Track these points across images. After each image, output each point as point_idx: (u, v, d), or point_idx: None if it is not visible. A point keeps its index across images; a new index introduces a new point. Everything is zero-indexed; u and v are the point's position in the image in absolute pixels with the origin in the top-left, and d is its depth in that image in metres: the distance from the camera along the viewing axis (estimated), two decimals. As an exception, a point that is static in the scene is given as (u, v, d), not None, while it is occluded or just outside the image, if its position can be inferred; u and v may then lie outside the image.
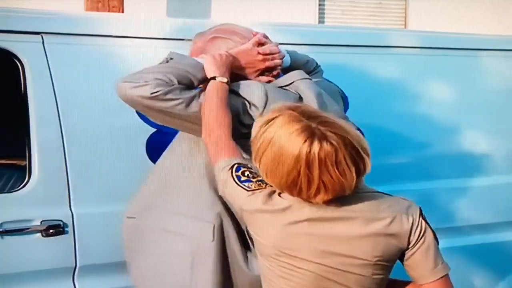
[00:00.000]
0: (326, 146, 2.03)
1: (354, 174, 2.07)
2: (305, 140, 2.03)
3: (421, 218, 2.19)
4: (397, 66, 3.66)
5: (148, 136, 3.06)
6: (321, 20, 11.58)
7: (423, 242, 2.18)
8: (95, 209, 2.95)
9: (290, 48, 2.96)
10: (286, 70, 2.82)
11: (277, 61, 2.74)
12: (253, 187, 2.19)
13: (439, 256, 2.20)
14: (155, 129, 3.07)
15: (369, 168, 2.11)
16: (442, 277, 2.18)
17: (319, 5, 11.57)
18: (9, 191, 3.06)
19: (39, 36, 2.95)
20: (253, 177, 2.22)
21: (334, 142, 2.04)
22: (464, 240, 3.63)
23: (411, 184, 3.51)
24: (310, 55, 3.05)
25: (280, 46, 2.81)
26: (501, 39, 4.20)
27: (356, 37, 3.69)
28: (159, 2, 10.13)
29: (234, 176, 2.21)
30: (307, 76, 2.73)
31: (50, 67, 2.93)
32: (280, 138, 2.07)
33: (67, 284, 2.92)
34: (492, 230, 3.77)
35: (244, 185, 2.19)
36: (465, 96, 3.81)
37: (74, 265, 2.92)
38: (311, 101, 2.60)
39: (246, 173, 2.22)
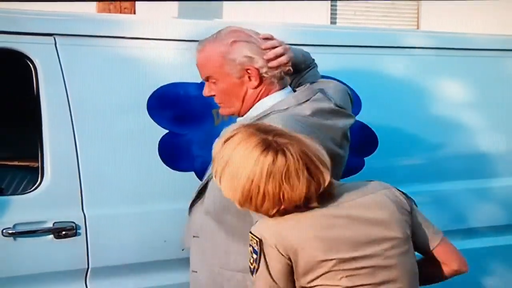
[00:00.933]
0: (279, 157, 2.06)
1: (304, 187, 2.08)
2: (262, 151, 2.07)
3: (397, 190, 2.27)
4: (410, 67, 3.64)
5: (160, 137, 3.06)
6: (333, 21, 11.56)
7: (415, 209, 2.27)
8: (108, 211, 2.95)
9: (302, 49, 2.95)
10: None
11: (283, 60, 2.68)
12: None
13: (427, 220, 2.30)
14: (168, 131, 3.07)
15: (327, 182, 2.11)
16: (443, 238, 2.27)
17: (331, 6, 11.56)
18: (21, 193, 3.07)
19: (51, 38, 2.96)
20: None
21: (288, 153, 2.07)
22: (476, 242, 3.61)
23: (423, 185, 3.49)
24: (323, 56, 3.03)
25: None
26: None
27: (368, 38, 3.68)
28: (171, 3, 10.14)
29: None
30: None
31: (63, 68, 2.93)
32: (238, 153, 2.10)
33: (79, 286, 2.92)
34: (505, 232, 3.75)
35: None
36: (477, 97, 3.78)
37: (86, 267, 2.92)
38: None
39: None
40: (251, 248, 2.16)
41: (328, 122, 2.58)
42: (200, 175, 3.10)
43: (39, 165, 2.90)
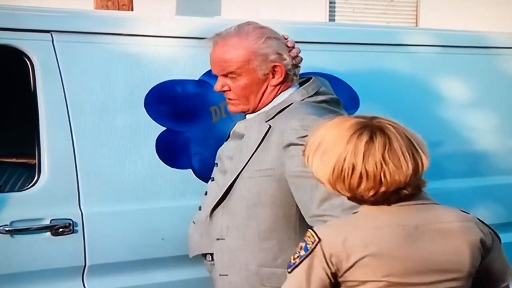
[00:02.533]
0: (380, 135, 1.98)
1: (409, 167, 1.98)
2: (355, 131, 1.99)
3: (485, 225, 2.14)
4: (408, 65, 3.64)
5: (158, 134, 3.05)
6: (331, 18, 11.56)
7: (498, 244, 2.14)
8: (105, 208, 2.94)
9: (301, 46, 2.94)
10: None
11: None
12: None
13: (506, 260, 2.17)
14: (165, 128, 3.06)
15: (426, 167, 2.03)
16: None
17: (330, 3, 11.56)
18: (18, 190, 3.06)
19: (48, 34, 2.95)
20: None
21: (389, 132, 1.99)
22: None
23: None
24: (321, 54, 3.04)
25: None
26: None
27: (367, 35, 3.67)
28: (169, 0, 10.14)
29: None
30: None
31: (60, 65, 2.92)
32: (331, 133, 2.03)
33: (76, 283, 2.92)
34: (504, 230, 3.75)
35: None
36: (476, 95, 3.78)
37: (83, 264, 2.91)
38: None
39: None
40: (303, 244, 2.03)
41: (338, 110, 2.63)
42: (198, 173, 3.10)
43: (36, 162, 2.89)
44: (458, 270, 2.03)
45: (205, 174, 3.02)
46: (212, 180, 2.78)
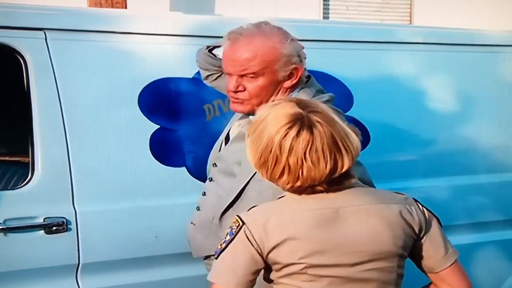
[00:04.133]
0: (306, 133, 2.04)
1: (326, 168, 2.05)
2: (287, 123, 2.05)
3: (422, 207, 2.21)
4: (403, 62, 3.64)
5: (152, 132, 3.05)
6: (325, 16, 11.56)
7: (432, 229, 2.19)
8: (98, 207, 2.94)
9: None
10: None
11: None
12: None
13: (448, 241, 2.22)
14: (159, 126, 3.06)
15: (346, 167, 2.08)
16: (455, 261, 2.20)
17: (324, 1, 11.56)
18: (12, 188, 3.06)
19: (41, 32, 2.94)
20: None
21: (315, 131, 2.04)
22: (469, 238, 3.62)
23: (415, 181, 3.49)
24: (315, 51, 3.03)
25: None
26: (507, 35, 4.17)
27: (361, 33, 3.67)
28: (163, -2, 10.12)
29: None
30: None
31: (53, 63, 2.92)
32: (268, 119, 2.08)
33: (70, 281, 2.91)
34: (498, 228, 3.76)
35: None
36: (470, 92, 3.79)
37: (77, 262, 2.91)
38: None
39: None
40: (228, 230, 2.11)
41: (338, 109, 2.59)
42: (192, 171, 3.10)
43: (30, 160, 2.89)
44: (380, 251, 2.10)
45: (199, 172, 3.02)
46: (211, 181, 2.75)
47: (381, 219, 2.12)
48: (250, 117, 2.67)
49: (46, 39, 2.94)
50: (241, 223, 2.08)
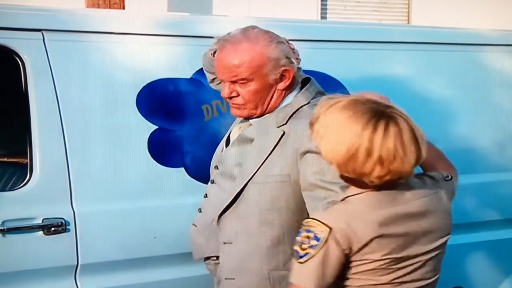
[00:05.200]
0: (393, 127, 2.08)
1: (413, 159, 2.11)
2: (371, 119, 2.08)
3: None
4: (401, 62, 3.64)
5: (150, 133, 3.05)
6: (323, 16, 11.56)
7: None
8: (97, 207, 2.94)
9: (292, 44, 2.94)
10: None
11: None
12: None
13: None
14: (157, 127, 3.06)
15: (422, 159, 2.15)
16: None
17: (322, 1, 11.56)
18: (10, 189, 3.05)
19: (39, 33, 2.94)
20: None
21: (400, 123, 2.09)
22: (469, 237, 3.62)
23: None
24: (313, 51, 3.04)
25: None
26: (505, 34, 4.17)
27: (359, 33, 3.67)
28: (161, -2, 10.12)
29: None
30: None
31: (51, 64, 2.92)
32: (342, 118, 2.10)
33: (69, 282, 2.91)
34: (496, 227, 3.76)
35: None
36: (468, 92, 3.79)
37: (76, 263, 2.91)
38: None
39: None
40: (311, 234, 2.11)
41: None
42: (190, 171, 3.10)
43: (28, 161, 2.88)
44: (445, 234, 2.26)
45: (197, 173, 3.03)
46: (212, 183, 2.76)
47: (440, 205, 2.26)
48: (250, 121, 2.68)
49: (44, 40, 2.94)
50: (328, 228, 2.09)
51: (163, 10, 9.98)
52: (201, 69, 2.98)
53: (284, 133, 2.56)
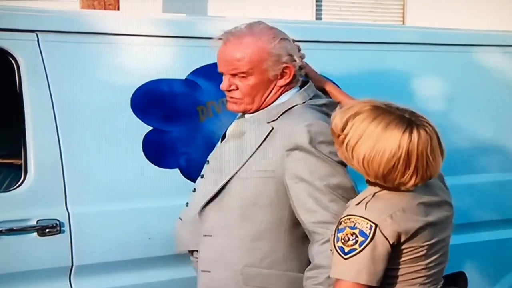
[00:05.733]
0: (424, 133, 2.18)
1: (441, 161, 2.24)
2: (405, 129, 2.17)
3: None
4: (396, 63, 3.64)
5: (145, 134, 3.04)
6: (318, 16, 11.56)
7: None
8: (92, 209, 2.93)
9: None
10: None
11: None
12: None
13: None
14: (152, 128, 3.06)
15: (445, 158, 2.27)
16: None
17: (317, 1, 11.56)
18: (4, 191, 3.04)
19: (34, 34, 2.93)
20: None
21: (428, 130, 2.20)
22: (466, 237, 3.62)
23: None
24: (308, 52, 3.03)
25: None
26: (502, 34, 4.18)
27: (354, 34, 3.67)
28: (155, -1, 10.11)
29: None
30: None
31: (45, 65, 2.91)
32: (376, 128, 2.18)
33: (63, 284, 2.91)
34: (494, 227, 3.77)
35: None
36: (464, 92, 3.79)
37: (70, 264, 2.90)
38: None
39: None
40: (356, 230, 2.18)
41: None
42: (185, 172, 3.10)
43: (22, 163, 2.88)
44: (452, 224, 2.41)
45: (192, 174, 3.02)
46: (202, 178, 2.77)
47: (446, 193, 2.42)
48: (246, 116, 2.68)
49: (38, 41, 2.93)
50: (373, 225, 2.17)
51: (158, 11, 9.97)
52: (196, 70, 2.99)
53: (272, 129, 2.56)
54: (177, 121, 3.12)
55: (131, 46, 3.11)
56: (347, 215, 2.22)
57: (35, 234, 2.83)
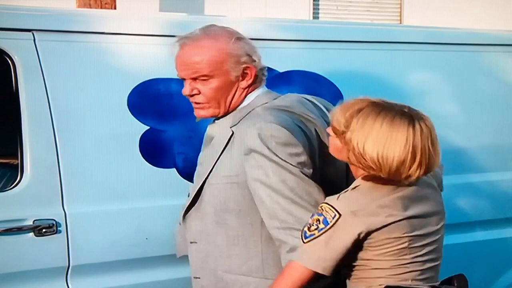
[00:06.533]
0: (425, 127, 2.25)
1: (440, 153, 2.30)
2: (408, 124, 2.23)
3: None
4: (392, 62, 3.64)
5: (141, 134, 3.04)
6: (315, 15, 11.57)
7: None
8: (88, 208, 2.93)
9: (285, 44, 2.94)
10: None
11: None
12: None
13: None
14: (149, 127, 3.05)
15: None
16: None
17: (314, 1, 11.56)
18: (1, 190, 3.03)
19: (30, 34, 2.93)
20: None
21: (428, 124, 2.27)
22: (463, 237, 3.62)
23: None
24: (305, 51, 3.04)
25: None
26: (496, 34, 4.18)
27: (351, 33, 3.67)
28: (152, -2, 10.11)
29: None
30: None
31: (42, 64, 2.91)
32: (383, 125, 2.23)
33: (60, 284, 2.90)
34: (491, 226, 3.76)
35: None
36: (460, 91, 3.79)
37: (67, 264, 2.90)
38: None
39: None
40: (321, 217, 2.25)
41: (307, 112, 2.59)
42: (181, 172, 3.09)
43: (19, 162, 2.87)
44: (442, 217, 2.43)
45: (188, 174, 3.02)
46: (192, 183, 2.76)
47: (435, 190, 2.45)
48: (216, 120, 2.66)
49: (34, 40, 2.93)
50: (337, 214, 2.23)
51: (154, 10, 9.96)
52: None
53: (233, 133, 2.54)
54: (174, 121, 3.12)
55: (127, 45, 3.10)
56: (321, 203, 2.30)
57: (31, 234, 2.83)
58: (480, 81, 3.86)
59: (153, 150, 3.05)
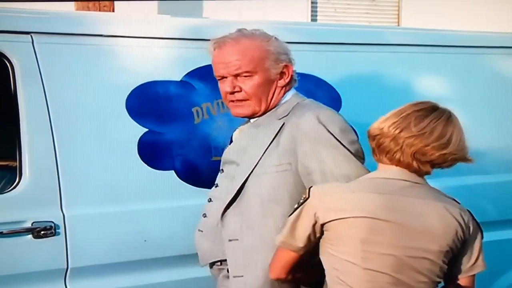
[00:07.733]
0: (455, 117, 2.48)
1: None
2: (446, 113, 2.46)
3: (472, 217, 2.43)
4: (391, 64, 3.64)
5: (140, 136, 3.04)
6: (313, 18, 11.57)
7: (476, 240, 2.40)
8: (87, 211, 2.92)
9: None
10: None
11: None
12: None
13: (482, 253, 2.41)
14: (147, 129, 3.05)
15: None
16: (474, 274, 2.41)
17: (312, 3, 11.57)
18: (0, 193, 3.03)
19: (28, 36, 2.93)
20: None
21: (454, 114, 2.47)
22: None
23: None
24: (304, 53, 3.04)
25: None
26: (494, 36, 4.18)
27: (349, 35, 3.67)
28: (150, 2, 10.10)
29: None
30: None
31: (40, 67, 2.91)
32: (416, 113, 2.45)
33: (58, 286, 2.90)
34: (491, 228, 3.76)
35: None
36: (458, 93, 3.79)
37: (65, 267, 2.90)
38: None
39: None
40: (302, 199, 2.36)
41: None
42: (180, 174, 3.09)
43: (17, 165, 2.87)
44: (434, 241, 2.30)
45: (187, 176, 3.02)
46: (216, 187, 2.74)
47: (437, 218, 2.34)
48: (251, 120, 2.67)
49: (33, 42, 2.93)
50: (307, 196, 2.33)
51: (153, 13, 9.96)
52: (191, 72, 2.98)
53: (284, 124, 2.56)
54: (172, 123, 3.12)
55: (126, 47, 3.10)
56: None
57: (30, 236, 2.83)
58: (479, 83, 3.86)
59: (152, 152, 3.05)
